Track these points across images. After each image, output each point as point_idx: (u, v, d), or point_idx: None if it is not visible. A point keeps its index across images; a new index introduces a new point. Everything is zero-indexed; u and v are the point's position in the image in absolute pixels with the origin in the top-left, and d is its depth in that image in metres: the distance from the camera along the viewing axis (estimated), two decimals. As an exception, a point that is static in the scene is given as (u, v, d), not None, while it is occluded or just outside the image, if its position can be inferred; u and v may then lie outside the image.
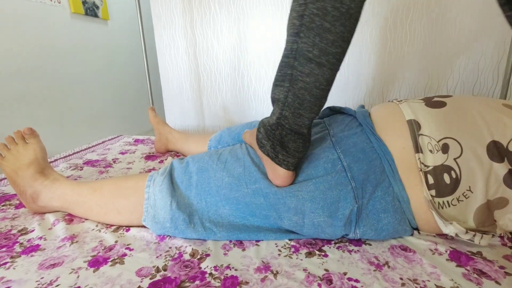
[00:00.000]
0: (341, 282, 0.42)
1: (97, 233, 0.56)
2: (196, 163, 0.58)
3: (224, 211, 0.53)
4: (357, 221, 0.49)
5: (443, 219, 0.47)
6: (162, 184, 0.55)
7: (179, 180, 0.56)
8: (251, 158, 0.56)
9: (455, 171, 0.46)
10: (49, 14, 1.88)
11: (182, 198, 0.54)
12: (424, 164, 0.48)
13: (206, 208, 0.53)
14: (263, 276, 0.44)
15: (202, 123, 1.46)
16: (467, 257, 0.47)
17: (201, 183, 0.54)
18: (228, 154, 0.58)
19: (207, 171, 0.55)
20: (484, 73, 1.01)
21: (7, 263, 0.48)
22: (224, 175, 0.54)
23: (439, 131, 0.48)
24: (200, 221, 0.52)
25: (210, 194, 0.53)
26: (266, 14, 1.19)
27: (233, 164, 0.55)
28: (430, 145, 0.48)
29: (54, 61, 1.94)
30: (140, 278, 0.44)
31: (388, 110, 0.57)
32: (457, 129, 0.48)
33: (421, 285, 0.41)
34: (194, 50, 1.35)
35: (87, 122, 2.24)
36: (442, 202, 0.47)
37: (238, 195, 0.52)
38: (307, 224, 0.50)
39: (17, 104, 1.72)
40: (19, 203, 0.69)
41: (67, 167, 0.92)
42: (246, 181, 0.52)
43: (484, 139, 0.46)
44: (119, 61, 2.57)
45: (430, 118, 0.50)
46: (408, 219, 0.51)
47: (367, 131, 0.54)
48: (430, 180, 0.47)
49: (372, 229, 0.49)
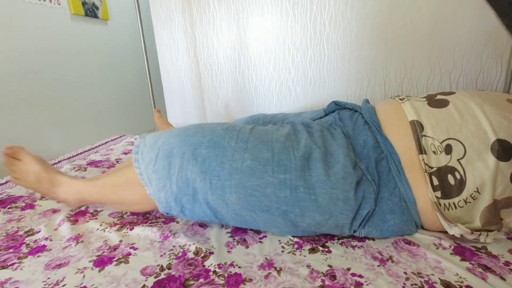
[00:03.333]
0: (344, 277, 0.42)
1: (102, 233, 0.57)
2: (208, 134, 0.49)
3: (230, 198, 0.47)
4: (364, 222, 0.49)
5: (447, 221, 0.46)
6: (156, 164, 0.50)
7: (180, 151, 0.49)
8: (283, 143, 0.49)
9: (459, 172, 0.46)
10: (49, 16, 1.89)
11: (183, 173, 0.48)
12: (428, 165, 0.47)
13: (209, 190, 0.47)
14: (267, 273, 0.44)
15: (204, 121, 1.46)
16: (471, 252, 0.47)
17: (211, 160, 0.47)
18: (250, 134, 0.50)
19: (222, 148, 0.47)
20: (487, 64, 1.00)
21: (14, 264, 0.48)
22: (247, 157, 0.46)
23: (442, 132, 0.48)
24: (205, 201, 0.48)
25: (219, 176, 0.46)
26: (265, 10, 1.18)
27: (258, 146, 0.48)
28: (433, 146, 0.47)
29: (55, 63, 1.95)
30: (144, 277, 0.44)
31: (392, 108, 0.56)
32: (460, 130, 0.47)
33: (425, 278, 0.41)
34: (194, 48, 1.35)
35: (89, 122, 2.25)
36: (448, 203, 0.47)
37: (259, 183, 0.46)
38: (329, 225, 0.48)
39: (19, 106, 1.73)
40: (25, 205, 0.70)
41: (71, 168, 0.92)
42: (274, 168, 0.46)
43: (488, 138, 0.45)
44: (120, 61, 2.58)
45: (433, 119, 0.49)
46: (414, 220, 0.50)
47: (373, 130, 0.53)
48: (435, 181, 0.47)
49: (377, 230, 0.49)
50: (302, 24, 1.15)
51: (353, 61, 1.13)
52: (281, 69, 1.24)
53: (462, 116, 0.48)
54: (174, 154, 0.49)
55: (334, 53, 1.14)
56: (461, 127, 0.47)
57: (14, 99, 1.70)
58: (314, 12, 1.12)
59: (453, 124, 0.48)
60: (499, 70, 0.99)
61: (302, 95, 1.24)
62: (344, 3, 1.07)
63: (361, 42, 1.10)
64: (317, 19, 1.12)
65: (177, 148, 0.49)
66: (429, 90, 1.08)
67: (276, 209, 0.47)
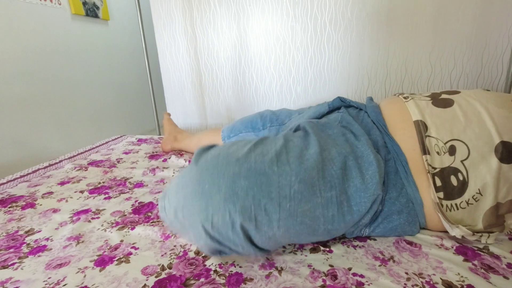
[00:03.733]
0: (346, 277, 0.42)
1: (103, 232, 0.57)
2: (244, 162, 0.40)
3: (277, 233, 0.39)
4: (370, 222, 0.49)
5: (449, 223, 0.46)
6: (184, 207, 0.40)
7: (214, 188, 0.38)
8: (320, 155, 0.43)
9: (462, 173, 0.46)
10: (50, 16, 1.89)
11: (220, 215, 0.38)
12: (432, 166, 0.47)
13: (254, 229, 0.38)
14: (268, 272, 0.44)
15: (204, 121, 1.46)
16: (473, 253, 0.46)
17: (254, 192, 0.38)
18: (286, 153, 0.42)
19: (266, 176, 0.39)
20: (488, 64, 1.00)
21: (15, 264, 0.48)
22: (294, 181, 0.39)
23: (446, 133, 0.47)
24: (245, 237, 0.39)
25: (266, 209, 0.38)
26: (266, 9, 1.18)
27: (301, 163, 0.41)
28: (437, 146, 0.47)
29: (56, 63, 1.95)
30: (145, 276, 0.44)
31: (397, 107, 0.55)
32: (464, 131, 0.47)
33: (427, 279, 0.41)
34: (195, 48, 1.35)
35: (90, 122, 2.25)
36: (450, 204, 0.47)
37: (308, 207, 0.40)
38: (348, 232, 0.48)
39: (20, 106, 1.73)
40: (25, 204, 0.69)
41: (72, 168, 0.92)
42: (321, 187, 0.41)
43: (493, 140, 0.45)
44: (120, 61, 2.58)
45: (437, 119, 0.49)
46: (418, 221, 0.50)
47: (380, 130, 0.53)
48: (437, 182, 0.47)
49: (381, 229, 0.49)
50: (302, 24, 1.15)
51: (354, 60, 1.13)
52: (282, 68, 1.24)
53: (467, 117, 0.48)
54: (205, 193, 0.38)
55: (334, 52, 1.14)
56: (465, 128, 0.47)
57: (15, 99, 1.70)
58: (314, 12, 1.11)
59: (457, 125, 0.47)
60: (500, 70, 0.99)
61: (303, 95, 1.24)
62: (344, 3, 1.07)
63: (362, 41, 1.10)
64: (317, 19, 1.12)
65: (208, 185, 0.39)
66: (429, 89, 1.08)
67: (323, 230, 0.42)
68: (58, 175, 0.88)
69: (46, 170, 0.93)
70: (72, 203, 0.70)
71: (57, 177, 0.87)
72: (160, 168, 0.89)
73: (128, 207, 0.66)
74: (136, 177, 0.84)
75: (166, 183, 0.79)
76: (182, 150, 1.06)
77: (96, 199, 0.71)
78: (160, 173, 0.86)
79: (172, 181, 0.44)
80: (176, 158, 0.96)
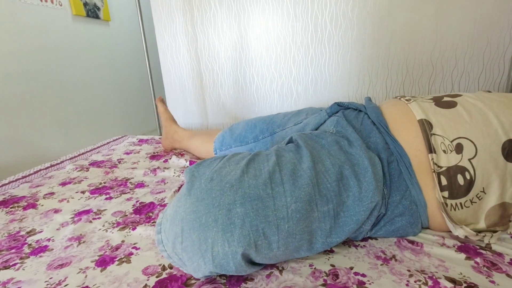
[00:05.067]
0: (347, 277, 0.42)
1: (104, 232, 0.57)
2: (238, 188, 0.39)
3: (277, 253, 0.40)
4: (375, 225, 0.48)
5: (453, 222, 0.46)
6: (183, 240, 0.39)
7: (209, 219, 0.38)
8: (313, 170, 0.42)
9: (470, 172, 0.45)
10: (51, 17, 1.89)
11: (219, 247, 0.37)
12: (437, 165, 0.46)
13: (255, 253, 0.38)
14: (268, 272, 0.44)
15: (205, 121, 1.46)
16: (475, 251, 0.46)
17: (251, 218, 0.37)
18: (279, 172, 0.42)
19: (261, 200, 0.39)
20: (489, 63, 0.99)
21: (16, 264, 0.48)
22: (290, 201, 0.39)
23: (452, 131, 0.47)
24: (246, 263, 0.39)
25: (265, 233, 0.38)
26: (266, 9, 1.18)
27: (296, 180, 0.41)
28: (443, 145, 0.46)
29: (57, 63, 1.96)
30: (146, 276, 0.44)
31: (399, 108, 0.54)
32: (471, 129, 0.46)
33: (429, 275, 0.41)
34: (196, 48, 1.35)
35: (91, 123, 2.26)
36: (455, 204, 0.46)
37: (306, 223, 0.40)
38: (351, 237, 0.49)
39: (21, 106, 1.74)
40: (27, 205, 0.70)
41: (73, 169, 0.93)
42: (317, 201, 0.41)
43: (499, 139, 0.45)
44: (121, 61, 2.58)
45: (441, 118, 0.48)
46: (421, 222, 0.50)
47: (382, 131, 0.52)
48: (443, 181, 0.46)
49: (383, 230, 0.49)
50: (303, 24, 1.14)
51: (355, 60, 1.13)
52: (282, 68, 1.23)
53: (472, 116, 0.47)
54: (203, 225, 0.38)
55: (335, 52, 1.14)
56: (472, 126, 0.46)
57: (17, 99, 1.71)
58: (315, 12, 1.11)
59: (464, 123, 0.47)
60: (501, 69, 0.99)
61: (304, 95, 1.24)
62: (345, 2, 1.07)
63: (363, 41, 1.10)
64: (318, 18, 1.12)
65: (205, 216, 0.38)
66: (430, 89, 1.08)
67: (322, 243, 0.42)
68: (60, 176, 0.88)
69: (47, 171, 0.93)
70: (73, 203, 0.70)
71: (59, 177, 0.87)
72: (161, 168, 0.89)
73: (129, 207, 0.66)
74: (137, 177, 0.85)
75: (166, 183, 0.79)
76: (183, 150, 1.06)
77: (97, 200, 0.71)
78: (161, 174, 0.86)
79: (166, 211, 0.43)
80: (176, 159, 0.96)
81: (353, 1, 1.06)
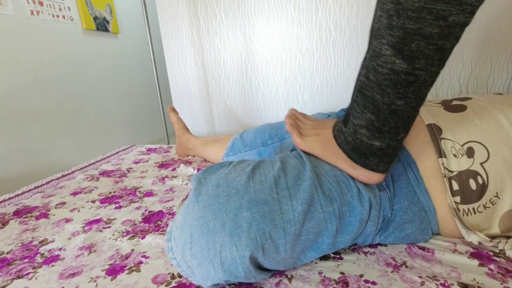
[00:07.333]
0: (357, 284, 0.42)
1: (114, 241, 0.57)
2: (244, 193, 0.40)
3: (284, 257, 0.40)
4: (381, 230, 0.48)
5: (465, 228, 0.45)
6: (193, 246, 0.39)
7: (217, 224, 0.38)
8: (313, 171, 0.43)
9: (482, 176, 0.44)
10: (63, 31, 1.96)
11: (227, 252, 0.38)
12: (448, 170, 0.45)
13: (262, 257, 0.39)
14: (278, 280, 0.43)
15: (212, 129, 1.47)
16: (489, 258, 0.45)
17: (257, 222, 0.38)
18: (284, 177, 0.43)
19: (267, 204, 0.39)
20: (497, 66, 0.98)
21: (29, 274, 0.49)
22: (295, 204, 0.40)
23: (462, 135, 0.46)
24: (255, 267, 0.39)
25: (272, 237, 0.38)
26: (271, 18, 1.20)
27: (300, 184, 0.42)
28: (453, 149, 0.45)
29: (68, 76, 2.01)
30: (156, 285, 0.44)
31: None
32: (482, 132, 0.45)
33: (441, 281, 0.40)
34: (202, 58, 1.37)
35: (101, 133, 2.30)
36: (467, 209, 0.45)
37: (311, 224, 0.40)
38: (359, 241, 0.48)
39: (35, 118, 1.79)
40: (39, 214, 0.71)
41: (84, 178, 0.94)
42: (321, 202, 0.41)
43: (511, 142, 0.44)
44: (130, 72, 2.64)
45: (451, 122, 0.48)
46: (431, 228, 0.49)
47: None
48: (454, 186, 0.45)
49: (392, 237, 0.48)
50: (308, 31, 1.15)
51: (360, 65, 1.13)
52: (288, 75, 1.24)
53: (483, 119, 0.46)
54: (211, 230, 0.38)
55: (340, 58, 1.14)
56: (483, 130, 0.45)
57: (30, 111, 1.76)
58: (319, 19, 1.12)
59: (474, 126, 0.46)
60: (510, 71, 0.97)
61: (310, 101, 1.24)
62: (349, 9, 1.07)
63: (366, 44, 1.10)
64: (322, 25, 1.13)
65: (213, 222, 0.39)
66: (438, 92, 1.07)
67: (328, 244, 0.42)
68: (71, 186, 0.90)
69: (59, 181, 0.95)
70: (84, 212, 0.71)
71: (70, 187, 0.88)
72: (170, 177, 0.90)
73: (138, 216, 0.67)
74: (145, 186, 0.86)
75: (175, 192, 0.80)
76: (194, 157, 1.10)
77: (107, 209, 0.72)
78: (169, 182, 0.87)
79: (175, 219, 0.44)
80: (184, 167, 0.97)
81: (357, 7, 1.06)
